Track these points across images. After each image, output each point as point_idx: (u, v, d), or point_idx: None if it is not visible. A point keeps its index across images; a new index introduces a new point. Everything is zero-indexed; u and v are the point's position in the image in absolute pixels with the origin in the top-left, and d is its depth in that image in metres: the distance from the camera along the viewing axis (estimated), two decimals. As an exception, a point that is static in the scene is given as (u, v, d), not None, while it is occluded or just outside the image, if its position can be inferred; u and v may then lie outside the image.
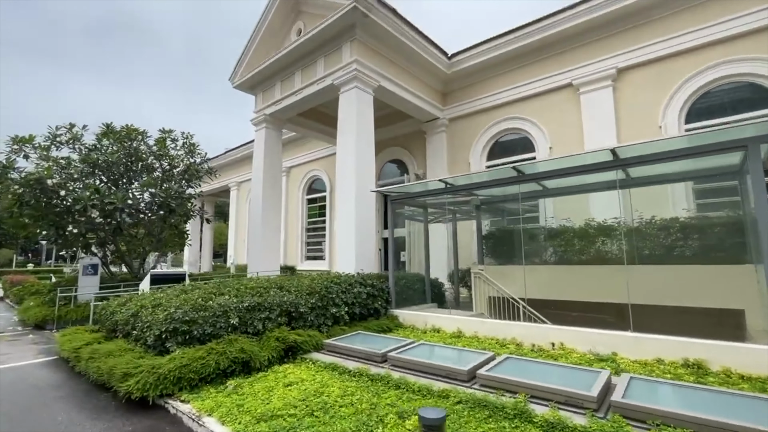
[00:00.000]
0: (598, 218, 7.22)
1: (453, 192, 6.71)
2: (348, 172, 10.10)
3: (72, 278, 10.21)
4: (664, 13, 9.31)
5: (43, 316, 8.27)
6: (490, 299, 6.97)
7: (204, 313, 4.47)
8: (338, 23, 10.20)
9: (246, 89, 13.85)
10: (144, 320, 4.51)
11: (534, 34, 11.12)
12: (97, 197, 8.33)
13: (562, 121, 10.91)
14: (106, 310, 5.68)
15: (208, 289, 5.38)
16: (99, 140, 9.80)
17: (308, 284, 5.86)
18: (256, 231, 12.83)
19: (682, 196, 8.74)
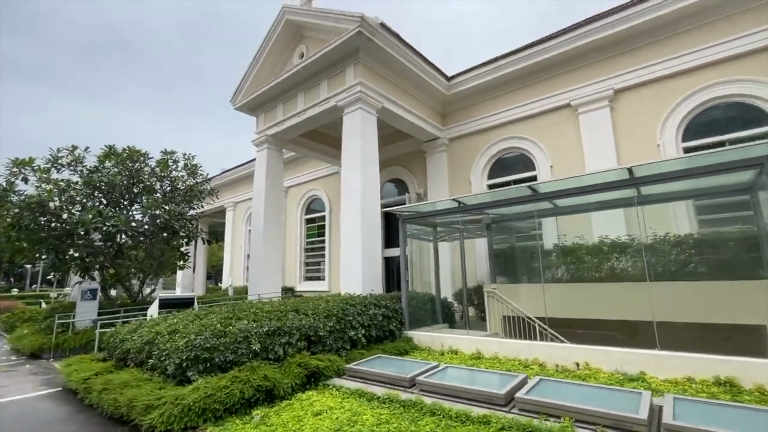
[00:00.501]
0: (604, 236, 7.30)
1: (466, 211, 6.74)
2: (353, 192, 10.11)
3: (68, 304, 9.86)
4: (658, 36, 9.70)
5: (39, 344, 7.92)
6: (504, 318, 6.91)
7: (225, 340, 4.32)
8: (342, 47, 10.41)
9: (247, 111, 13.92)
10: (162, 348, 4.33)
11: (531, 57, 11.46)
12: (100, 220, 8.15)
13: (561, 140, 11.14)
14: (115, 337, 5.47)
15: (223, 313, 5.22)
16: (101, 162, 9.67)
17: (325, 307, 5.74)
18: (258, 252, 12.65)
19: (684, 212, 8.93)
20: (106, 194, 9.24)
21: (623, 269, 6.74)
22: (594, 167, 10.32)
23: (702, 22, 9.14)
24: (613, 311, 5.92)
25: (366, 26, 9.83)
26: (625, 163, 9.99)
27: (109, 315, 9.08)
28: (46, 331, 8.42)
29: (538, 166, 11.59)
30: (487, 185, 12.70)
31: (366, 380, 4.67)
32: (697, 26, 9.21)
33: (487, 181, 12.73)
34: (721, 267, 5.83)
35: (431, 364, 4.81)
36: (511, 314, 6.79)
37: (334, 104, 10.97)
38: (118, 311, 9.19)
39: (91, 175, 9.05)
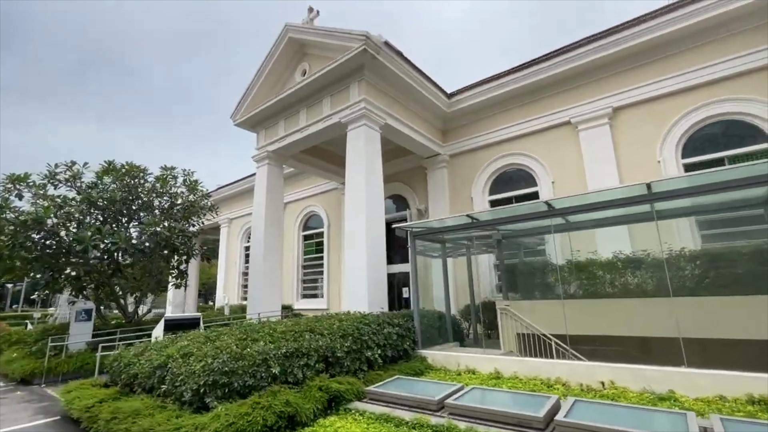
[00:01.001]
0: (618, 251, 7.32)
1: (480, 227, 6.69)
2: (358, 208, 10.03)
3: (59, 325, 9.43)
4: (655, 57, 9.99)
5: (30, 369, 7.50)
6: (518, 336, 6.79)
7: (243, 363, 4.11)
8: (347, 64, 10.48)
9: (247, 127, 13.86)
10: (176, 372, 4.10)
11: (530, 76, 11.70)
12: (98, 237, 7.89)
13: (563, 157, 11.27)
14: (119, 361, 5.19)
15: (236, 334, 5.00)
16: (99, 178, 9.44)
17: (339, 326, 5.55)
18: (257, 270, 12.39)
19: (686, 227, 9.03)
20: (104, 211, 8.96)
21: (640, 284, 6.72)
22: (596, 183, 10.45)
23: (697, 44, 9.45)
24: (634, 327, 5.86)
25: (371, 44, 9.94)
26: (627, 179, 10.15)
27: (104, 337, 8.71)
28: (38, 355, 7.99)
29: (539, 182, 11.68)
30: (488, 201, 12.74)
31: (390, 404, 4.48)
32: (693, 47, 9.52)
33: (488, 197, 12.77)
34: (742, 281, 5.84)
35: (456, 386, 4.64)
36: (525, 331, 6.68)
37: (337, 120, 10.98)
38: (114, 332, 8.81)
39: (89, 191, 8.79)
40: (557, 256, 7.12)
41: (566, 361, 5.38)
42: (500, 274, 8.56)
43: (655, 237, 5.73)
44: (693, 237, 8.95)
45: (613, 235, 7.63)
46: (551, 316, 6.41)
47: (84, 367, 8.01)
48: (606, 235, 7.62)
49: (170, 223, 9.25)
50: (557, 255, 7.05)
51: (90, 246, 7.70)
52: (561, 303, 6.11)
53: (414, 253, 7.39)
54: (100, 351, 6.44)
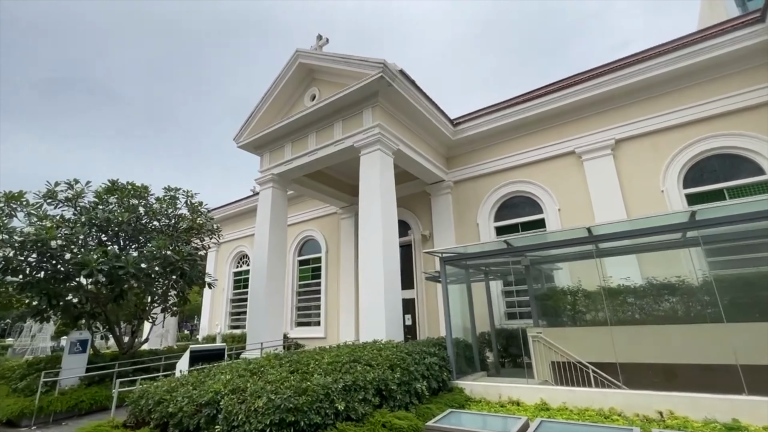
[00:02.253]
0: (651, 277, 7.41)
1: (515, 253, 6.66)
2: (373, 232, 9.86)
3: (47, 358, 8.56)
4: (655, 93, 10.58)
5: (18, 409, 6.68)
6: (553, 364, 6.66)
7: (306, 398, 3.76)
8: (362, 90, 10.59)
9: (252, 149, 13.64)
10: (231, 411, 3.70)
11: (535, 108, 12.15)
12: (104, 260, 7.32)
13: (568, 185, 11.59)
14: (147, 398, 4.68)
15: (284, 366, 4.62)
16: (99, 197, 8.88)
17: (386, 356, 5.26)
18: (259, 298, 11.84)
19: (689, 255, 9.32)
20: (108, 232, 8.37)
21: (681, 310, 6.77)
22: (602, 211, 10.75)
23: (696, 82, 10.09)
24: (684, 354, 5.85)
25: (387, 72, 10.12)
26: (632, 207, 10.47)
27: (99, 371, 7.97)
28: (26, 392, 7.17)
29: (545, 210, 11.91)
30: (494, 227, 12.86)
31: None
32: (692, 85, 10.15)
33: (494, 224, 12.89)
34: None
35: (521, 419, 4.42)
36: (560, 359, 6.57)
37: (350, 144, 10.96)
38: (112, 365, 8.07)
39: (93, 211, 8.22)
40: (597, 281, 7.08)
41: (620, 391, 5.27)
42: (531, 301, 8.43)
43: (698, 262, 5.82)
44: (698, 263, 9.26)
45: (648, 261, 7.76)
46: (589, 343, 6.34)
47: (78, 405, 7.22)
48: (641, 260, 7.73)
49: (178, 246, 8.74)
50: (598, 280, 7.02)
51: (95, 270, 7.12)
52: (598, 330, 6.07)
53: (446, 278, 7.23)
54: (118, 386, 5.79)
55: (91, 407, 7.36)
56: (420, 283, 13.88)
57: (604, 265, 7.61)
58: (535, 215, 12.20)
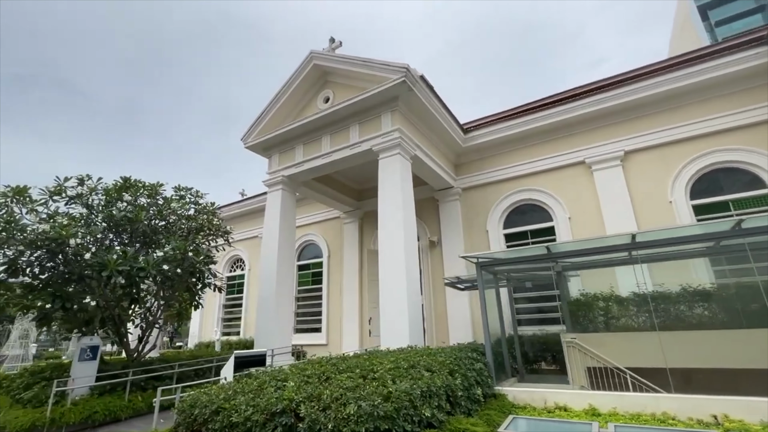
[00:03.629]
0: (685, 283, 7.62)
1: (554, 259, 6.71)
2: (395, 238, 9.75)
3: (54, 366, 7.95)
4: (663, 107, 11.02)
5: (30, 421, 6.15)
6: (588, 370, 6.72)
7: (392, 405, 3.60)
8: (382, 94, 10.54)
9: (260, 150, 13.33)
10: (316, 419, 3.49)
11: (545, 119, 12.43)
12: (123, 261, 6.89)
13: (578, 194, 11.86)
14: (201, 407, 4.38)
15: (354, 371, 4.43)
16: (109, 195, 8.38)
17: (440, 361, 5.15)
18: (268, 304, 11.47)
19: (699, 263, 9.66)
20: (125, 232, 7.88)
21: (733, 314, 6.92)
22: (612, 221, 11.05)
23: (702, 98, 10.56)
24: (730, 359, 6.00)
25: (409, 76, 10.12)
26: (641, 217, 10.78)
27: (109, 380, 7.49)
28: (33, 403, 6.61)
29: (555, 218, 12.14)
30: (503, 234, 13.00)
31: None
32: (698, 101, 10.62)
33: (503, 231, 13.03)
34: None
35: (592, 424, 4.40)
36: (596, 365, 6.63)
37: (368, 148, 10.86)
38: (124, 373, 7.58)
39: (109, 209, 7.73)
40: (644, 286, 7.18)
41: (672, 396, 5.35)
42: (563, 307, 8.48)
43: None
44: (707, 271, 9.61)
45: (682, 266, 7.97)
46: (627, 349, 6.44)
47: (92, 416, 6.73)
48: (652, 268, 7.96)
49: (197, 247, 8.34)
50: (644, 285, 7.11)
51: (114, 272, 6.66)
52: (636, 335, 6.19)
53: (483, 283, 7.21)
54: (160, 395, 5.38)
55: (104, 419, 6.88)
56: (428, 288, 13.82)
57: (616, 273, 7.80)
58: (545, 223, 12.41)
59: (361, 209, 16.10)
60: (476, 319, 12.68)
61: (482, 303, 7.11)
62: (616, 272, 8.03)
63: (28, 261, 6.71)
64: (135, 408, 7.32)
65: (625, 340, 6.93)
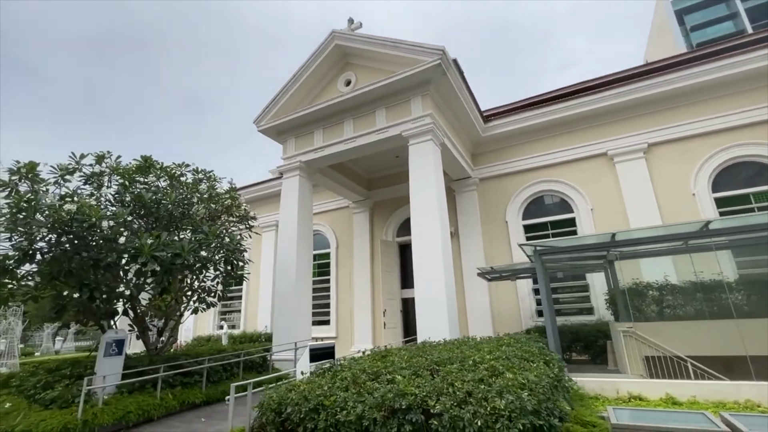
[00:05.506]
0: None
1: (619, 246, 6.58)
2: (431, 228, 9.43)
3: (71, 361, 7.17)
4: (687, 102, 11.15)
5: (61, 424, 5.46)
6: (647, 359, 6.67)
7: (535, 398, 3.30)
8: (413, 78, 10.14)
9: (274, 134, 12.64)
10: (457, 415, 3.12)
11: (568, 110, 12.37)
12: (157, 247, 6.21)
13: (600, 185, 11.88)
14: (294, 405, 3.92)
15: (467, 362, 4.08)
16: (127, 175, 7.56)
17: (531, 351, 4.90)
18: (288, 296, 10.93)
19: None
20: (148, 216, 7.12)
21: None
22: (635, 212, 11.12)
23: (727, 93, 10.74)
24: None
25: (444, 60, 9.77)
26: (665, 209, 10.92)
27: (138, 375, 6.84)
28: (59, 404, 5.90)
29: (577, 209, 12.13)
30: (522, 225, 12.91)
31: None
32: (723, 96, 10.79)
33: (522, 222, 12.95)
34: None
35: (702, 414, 4.26)
36: (655, 354, 6.59)
37: (397, 133, 10.44)
38: (151, 370, 6.93)
39: (134, 189, 6.95)
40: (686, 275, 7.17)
41: (753, 383, 5.32)
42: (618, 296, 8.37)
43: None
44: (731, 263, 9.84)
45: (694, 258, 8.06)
46: (684, 337, 6.43)
47: (126, 417, 6.10)
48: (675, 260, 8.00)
49: (231, 233, 7.70)
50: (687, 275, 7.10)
51: (150, 258, 5.99)
52: (697, 324, 6.17)
53: (543, 271, 7.00)
54: (233, 392, 4.76)
55: (138, 419, 6.26)
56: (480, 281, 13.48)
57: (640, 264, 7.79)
58: (565, 214, 12.40)
59: (371, 199, 15.67)
60: (496, 311, 12.59)
61: (544, 292, 6.91)
62: (672, 260, 8.04)
63: (49, 245, 5.94)
64: (167, 407, 6.71)
65: (684, 329, 6.93)
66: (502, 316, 12.33)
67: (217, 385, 7.81)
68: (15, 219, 5.78)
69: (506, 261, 12.19)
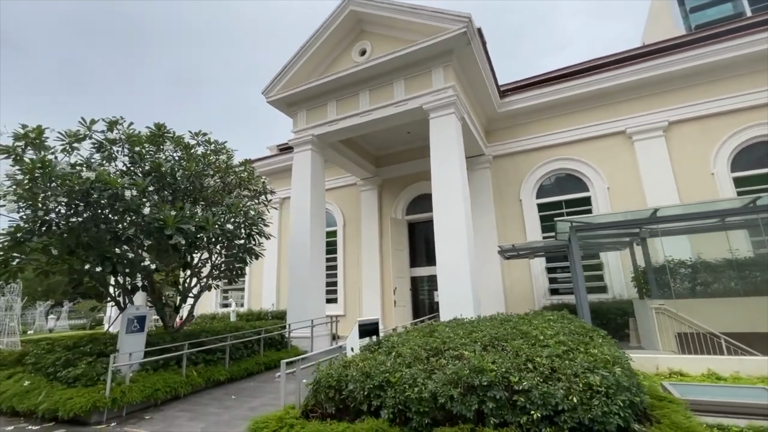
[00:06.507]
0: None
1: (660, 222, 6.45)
2: (454, 204, 9.17)
3: (92, 337, 6.85)
4: (709, 79, 10.92)
5: (90, 402, 5.20)
6: (678, 335, 6.67)
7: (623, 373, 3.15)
8: (435, 47, 9.69)
9: (283, 106, 12.10)
10: (550, 392, 2.93)
11: (587, 86, 12.06)
12: (182, 219, 5.84)
13: (617, 164, 11.73)
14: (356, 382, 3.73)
15: (515, 338, 3.92)
16: (137, 143, 7.04)
17: (574, 329, 4.77)
18: (303, 273, 10.68)
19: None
20: (166, 187, 6.66)
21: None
22: (653, 192, 11.03)
23: (748, 71, 10.56)
24: None
25: (470, 28, 9.32)
26: (684, 188, 10.85)
27: (160, 353, 6.59)
28: (83, 382, 5.62)
29: (593, 188, 12.00)
30: (536, 204, 12.77)
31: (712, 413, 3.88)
32: (743, 74, 10.60)
33: (536, 200, 12.80)
34: None
35: (762, 389, 4.22)
36: (688, 331, 6.58)
37: (417, 106, 10.04)
38: (174, 347, 6.67)
39: (154, 158, 6.45)
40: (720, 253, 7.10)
41: (798, 358, 5.32)
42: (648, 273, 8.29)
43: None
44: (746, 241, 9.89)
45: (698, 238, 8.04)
46: (718, 314, 6.44)
47: (154, 394, 5.87)
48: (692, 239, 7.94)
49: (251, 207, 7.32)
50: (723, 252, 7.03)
51: (175, 231, 5.62)
52: (730, 301, 6.17)
53: (578, 247, 6.86)
54: (284, 368, 4.47)
55: (165, 396, 6.05)
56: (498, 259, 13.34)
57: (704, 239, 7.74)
58: (581, 193, 12.27)
59: (379, 176, 15.31)
60: (508, 290, 12.56)
61: (579, 268, 6.79)
62: (705, 238, 7.98)
63: (66, 216, 5.51)
64: (193, 384, 6.50)
65: (718, 306, 6.93)
66: (514, 294, 12.32)
67: (239, 362, 7.62)
68: (30, 187, 5.33)
69: (520, 239, 12.08)
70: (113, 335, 7.02)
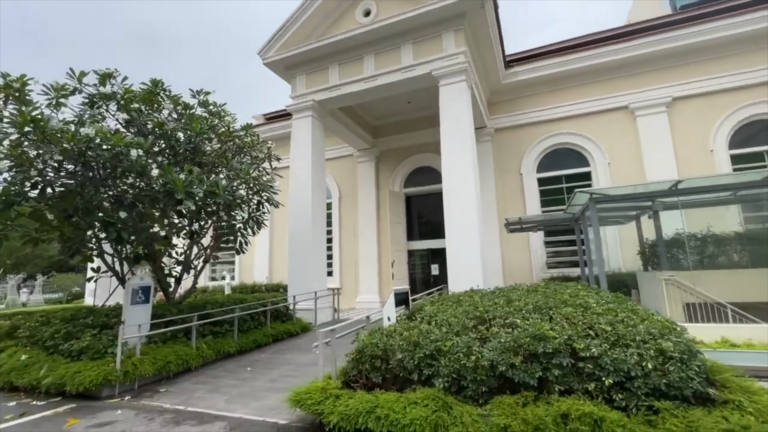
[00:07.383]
0: None
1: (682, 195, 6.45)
2: (464, 177, 9.00)
3: (91, 309, 6.42)
4: (712, 55, 10.90)
5: (101, 375, 4.87)
6: (687, 306, 6.85)
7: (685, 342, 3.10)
8: (446, 9, 9.22)
9: (281, 68, 11.41)
10: (621, 359, 2.82)
11: (592, 59, 11.88)
12: (190, 183, 5.39)
13: (618, 139, 11.75)
14: (405, 351, 3.56)
15: (562, 307, 3.83)
16: (129, 103, 6.38)
17: (605, 297, 4.76)
18: (304, 245, 10.39)
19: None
20: (168, 149, 6.10)
21: None
22: (653, 167, 11.15)
23: (750, 49, 10.59)
24: None
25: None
26: (683, 165, 10.99)
27: (166, 326, 6.27)
28: (90, 355, 5.27)
29: (593, 163, 12.04)
30: (537, 179, 12.75)
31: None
32: (744, 52, 10.63)
33: (537, 175, 12.77)
34: None
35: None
36: (695, 301, 6.76)
37: (425, 72, 9.64)
38: (181, 319, 6.35)
39: (154, 117, 5.86)
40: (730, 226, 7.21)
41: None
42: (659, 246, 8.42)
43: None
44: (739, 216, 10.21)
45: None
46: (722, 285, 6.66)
47: (166, 367, 5.59)
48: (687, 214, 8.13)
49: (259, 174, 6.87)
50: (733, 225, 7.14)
51: (187, 195, 5.17)
52: (737, 272, 6.35)
53: (596, 219, 6.82)
54: (322, 337, 4.23)
55: (178, 369, 5.78)
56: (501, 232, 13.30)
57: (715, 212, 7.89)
58: (581, 168, 12.30)
59: (377, 147, 14.90)
60: (507, 264, 12.66)
61: (597, 240, 6.79)
62: (716, 211, 8.12)
63: (64, 176, 4.97)
64: (204, 356, 6.25)
65: (725, 277, 7.14)
66: (513, 268, 12.43)
67: (246, 334, 7.39)
68: (19, 144, 4.75)
69: (519, 213, 12.09)
70: (114, 308, 6.61)
